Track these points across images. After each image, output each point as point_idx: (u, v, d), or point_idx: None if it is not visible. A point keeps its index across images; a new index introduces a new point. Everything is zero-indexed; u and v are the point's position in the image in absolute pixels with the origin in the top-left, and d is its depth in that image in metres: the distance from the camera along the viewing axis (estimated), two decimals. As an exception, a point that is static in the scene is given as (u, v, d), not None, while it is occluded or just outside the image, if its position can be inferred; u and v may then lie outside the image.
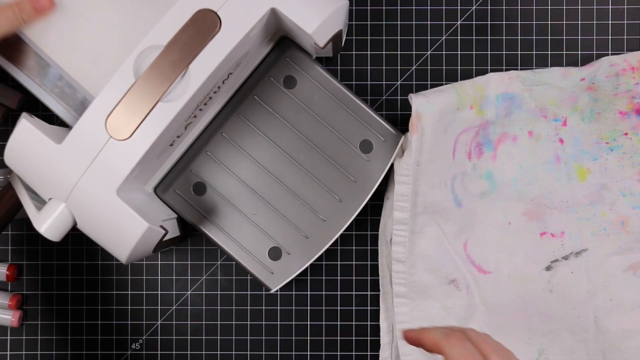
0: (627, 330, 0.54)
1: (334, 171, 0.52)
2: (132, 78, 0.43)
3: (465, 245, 0.54)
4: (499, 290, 0.54)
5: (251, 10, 0.44)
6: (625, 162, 0.55)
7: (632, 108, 0.54)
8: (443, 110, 0.51)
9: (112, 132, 0.43)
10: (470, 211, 0.54)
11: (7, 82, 0.57)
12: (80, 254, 0.57)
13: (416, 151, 0.51)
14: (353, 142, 0.52)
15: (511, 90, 0.54)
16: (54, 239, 0.44)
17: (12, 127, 0.57)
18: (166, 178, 0.52)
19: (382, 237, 0.55)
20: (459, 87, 0.52)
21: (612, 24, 0.57)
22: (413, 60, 0.57)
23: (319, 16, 0.44)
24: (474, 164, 0.54)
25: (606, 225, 0.55)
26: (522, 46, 0.57)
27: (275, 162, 0.52)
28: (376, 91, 0.57)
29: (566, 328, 0.54)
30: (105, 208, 0.43)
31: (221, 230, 0.51)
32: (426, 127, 0.51)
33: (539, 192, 0.55)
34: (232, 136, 0.52)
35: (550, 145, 0.55)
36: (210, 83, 0.45)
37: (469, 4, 0.57)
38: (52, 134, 0.44)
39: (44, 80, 0.47)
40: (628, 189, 0.55)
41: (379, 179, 0.52)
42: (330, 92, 0.52)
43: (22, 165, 0.45)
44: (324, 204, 0.52)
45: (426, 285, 0.53)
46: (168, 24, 0.43)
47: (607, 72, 0.54)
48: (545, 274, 0.55)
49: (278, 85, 0.52)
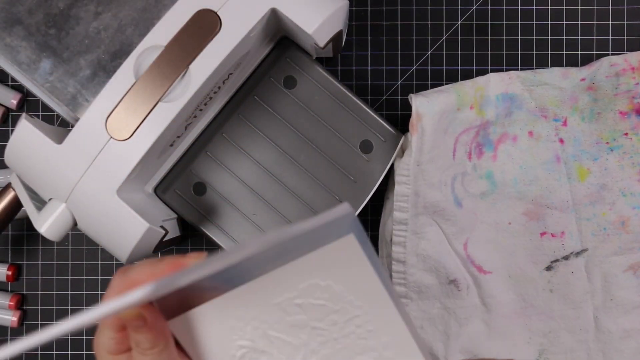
0: (627, 330, 0.54)
1: (334, 171, 0.52)
2: (132, 78, 0.43)
3: (465, 245, 0.54)
4: (499, 290, 0.54)
5: (251, 11, 0.44)
6: (626, 162, 0.55)
7: (632, 108, 0.54)
8: (443, 110, 0.51)
9: (113, 133, 0.43)
10: (470, 211, 0.54)
11: (7, 82, 0.57)
12: (80, 254, 0.57)
13: (416, 151, 0.51)
14: (353, 142, 0.52)
15: (511, 90, 0.54)
16: (54, 239, 0.44)
17: (12, 127, 0.57)
18: (166, 178, 0.52)
19: (382, 237, 0.55)
20: (459, 87, 0.53)
21: (612, 24, 0.57)
22: (413, 61, 0.57)
23: (319, 16, 0.44)
24: (474, 164, 0.54)
25: (606, 225, 0.55)
26: (522, 46, 0.57)
27: (276, 162, 0.52)
28: (376, 91, 0.57)
29: (566, 328, 0.54)
30: (106, 208, 0.43)
31: (221, 231, 0.51)
32: (426, 127, 0.51)
33: (539, 192, 0.55)
34: (232, 136, 0.52)
35: (550, 145, 0.55)
36: (210, 83, 0.45)
37: (469, 4, 0.57)
38: (52, 134, 0.44)
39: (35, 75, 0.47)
40: (628, 189, 0.55)
41: (379, 179, 0.52)
42: (331, 93, 0.52)
43: (22, 165, 0.45)
44: (324, 204, 0.52)
45: (426, 285, 0.53)
46: (168, 24, 0.43)
47: (608, 72, 0.54)
48: (545, 274, 0.55)
49: (278, 85, 0.52)
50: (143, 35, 0.44)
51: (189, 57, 0.43)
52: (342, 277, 0.32)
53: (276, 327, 0.34)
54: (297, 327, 0.34)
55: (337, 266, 0.32)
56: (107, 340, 0.32)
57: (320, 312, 0.33)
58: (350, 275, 0.32)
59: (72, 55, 0.47)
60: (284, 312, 0.33)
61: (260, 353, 0.34)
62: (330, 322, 0.34)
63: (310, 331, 0.34)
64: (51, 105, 0.48)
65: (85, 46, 0.47)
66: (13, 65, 0.47)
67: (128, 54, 0.44)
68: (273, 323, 0.33)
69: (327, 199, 0.52)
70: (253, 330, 0.34)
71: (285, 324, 0.33)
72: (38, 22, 0.47)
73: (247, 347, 0.34)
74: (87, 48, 0.47)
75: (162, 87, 0.43)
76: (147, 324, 0.31)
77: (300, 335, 0.34)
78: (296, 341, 0.34)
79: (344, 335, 0.34)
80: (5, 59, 0.47)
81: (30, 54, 0.47)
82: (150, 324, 0.31)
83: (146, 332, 0.31)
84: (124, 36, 0.47)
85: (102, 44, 0.47)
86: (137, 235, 0.44)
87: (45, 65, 0.47)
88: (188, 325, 0.34)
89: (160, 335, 0.32)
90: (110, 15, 0.47)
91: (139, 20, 0.47)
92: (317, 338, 0.34)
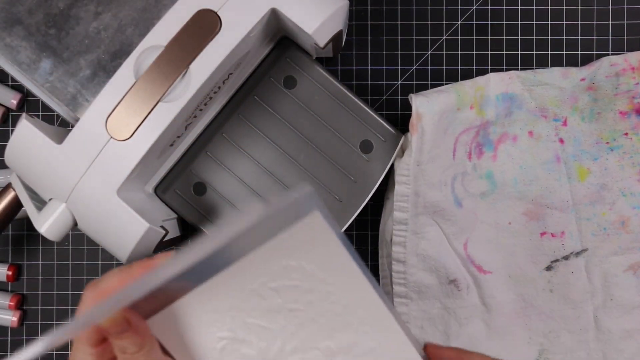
0: (627, 330, 0.54)
1: (334, 171, 0.52)
2: (132, 78, 0.43)
3: (465, 245, 0.54)
4: (499, 290, 0.54)
5: (251, 11, 0.44)
6: (625, 162, 0.55)
7: (632, 108, 0.54)
8: (443, 110, 0.51)
9: (113, 133, 0.43)
10: (470, 211, 0.54)
11: (7, 82, 0.57)
12: (80, 254, 0.57)
13: (416, 151, 0.51)
14: (353, 142, 0.52)
15: (511, 90, 0.54)
16: (54, 239, 0.44)
17: (12, 127, 0.57)
18: (166, 178, 0.52)
19: (382, 237, 0.55)
20: (459, 87, 0.53)
21: (612, 24, 0.57)
22: (413, 61, 0.57)
23: (319, 16, 0.44)
24: (474, 164, 0.54)
25: (606, 225, 0.55)
26: (522, 46, 0.57)
27: (276, 162, 0.52)
28: (376, 91, 0.57)
29: (566, 328, 0.54)
30: (106, 208, 0.43)
31: (221, 231, 0.51)
32: (426, 127, 0.51)
33: (539, 192, 0.55)
34: (232, 136, 0.52)
35: (550, 145, 0.55)
36: (210, 83, 0.45)
37: (469, 4, 0.57)
38: (52, 134, 0.44)
39: (35, 75, 0.47)
40: (628, 189, 0.55)
41: (379, 179, 0.52)
42: (331, 92, 0.52)
43: (22, 165, 0.45)
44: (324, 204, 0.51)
45: (426, 285, 0.53)
46: (168, 24, 0.43)
47: (607, 72, 0.54)
48: (545, 274, 0.55)
49: (278, 85, 0.52)
50: (143, 35, 0.44)
51: (189, 57, 0.43)
52: (312, 255, 0.33)
53: (254, 314, 0.34)
54: (274, 312, 0.34)
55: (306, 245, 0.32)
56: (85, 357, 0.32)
57: (295, 293, 0.34)
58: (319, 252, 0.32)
59: (72, 55, 0.47)
60: (260, 297, 0.33)
61: (240, 342, 0.34)
62: (306, 302, 0.34)
63: (287, 314, 0.34)
64: (51, 105, 0.48)
65: (85, 46, 0.47)
66: (13, 65, 0.47)
67: (128, 54, 0.44)
68: (250, 310, 0.34)
69: (327, 199, 0.52)
70: (232, 320, 0.34)
71: (262, 309, 0.34)
72: (38, 22, 0.47)
73: (227, 337, 0.34)
74: (87, 48, 0.47)
75: (162, 87, 0.43)
76: (131, 326, 0.31)
77: (278, 319, 0.34)
78: (274, 325, 0.34)
79: (320, 313, 0.34)
80: (5, 59, 0.47)
81: (30, 54, 0.47)
82: (134, 326, 0.31)
83: (131, 336, 0.31)
84: (124, 36, 0.47)
85: (102, 44, 0.47)
86: (137, 235, 0.44)
87: (45, 65, 0.47)
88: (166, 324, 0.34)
89: (145, 335, 0.32)
90: (110, 15, 0.47)
91: (139, 20, 0.47)
92: (294, 320, 0.34)
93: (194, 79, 0.43)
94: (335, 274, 0.33)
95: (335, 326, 0.35)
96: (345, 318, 0.34)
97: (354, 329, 0.35)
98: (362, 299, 0.34)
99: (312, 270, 0.33)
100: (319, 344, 0.35)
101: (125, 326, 0.31)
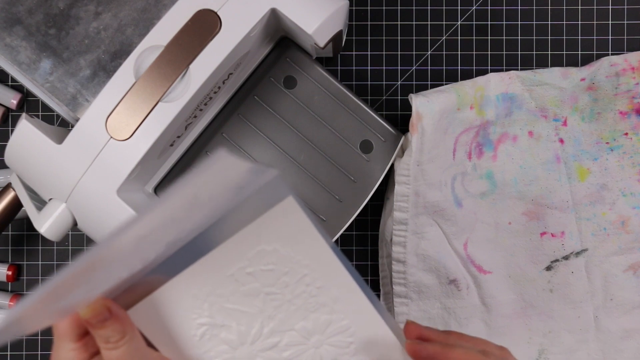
0: (627, 330, 0.54)
1: (334, 171, 0.52)
2: (132, 78, 0.43)
3: (465, 245, 0.54)
4: (499, 290, 0.54)
5: (251, 11, 0.44)
6: (625, 162, 0.55)
7: (632, 108, 0.54)
8: (443, 110, 0.51)
9: (113, 133, 0.43)
10: (470, 211, 0.54)
11: (7, 82, 0.57)
12: (80, 254, 0.57)
13: (416, 151, 0.51)
14: (353, 142, 0.52)
15: (511, 90, 0.54)
16: (54, 239, 0.44)
17: (12, 127, 0.57)
18: (166, 178, 0.52)
19: (382, 237, 0.55)
20: (459, 87, 0.53)
21: (612, 24, 0.57)
22: (413, 61, 0.57)
23: (319, 16, 0.44)
24: (474, 164, 0.54)
25: (606, 225, 0.55)
26: (522, 46, 0.57)
27: (276, 163, 0.52)
28: (376, 91, 0.57)
29: (566, 328, 0.54)
30: (106, 208, 0.43)
31: (221, 231, 0.51)
32: (426, 127, 0.51)
33: (539, 192, 0.55)
34: (233, 136, 0.52)
35: (550, 145, 0.55)
36: (210, 83, 0.45)
37: (469, 4, 0.57)
38: (52, 134, 0.44)
39: (35, 75, 0.47)
40: (628, 189, 0.55)
41: (379, 179, 0.52)
42: (331, 93, 0.52)
43: (22, 165, 0.45)
44: (324, 204, 0.52)
45: (426, 285, 0.53)
46: (168, 24, 0.43)
47: (608, 72, 0.54)
48: (545, 274, 0.55)
49: (278, 85, 0.52)
50: (143, 35, 0.44)
51: (189, 57, 0.43)
52: (286, 239, 0.34)
53: (232, 299, 0.35)
54: (251, 296, 0.35)
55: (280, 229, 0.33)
56: (67, 353, 0.32)
57: (271, 277, 0.35)
58: (293, 236, 0.34)
59: (72, 55, 0.47)
60: (237, 282, 0.35)
61: (219, 328, 0.35)
62: (282, 285, 0.35)
63: (264, 297, 0.35)
64: (51, 105, 0.48)
65: (85, 46, 0.47)
66: (13, 65, 0.47)
67: (128, 54, 0.44)
68: (229, 295, 0.35)
69: (327, 198, 0.52)
70: (210, 307, 0.35)
71: (240, 294, 0.35)
72: (38, 22, 0.47)
73: (206, 324, 0.35)
74: (87, 48, 0.47)
75: (162, 87, 0.43)
76: (112, 314, 0.31)
77: (255, 303, 0.35)
78: (252, 309, 0.35)
79: (296, 295, 0.35)
80: (5, 59, 0.47)
81: (30, 54, 0.47)
82: (115, 314, 0.31)
83: (113, 324, 0.31)
84: (124, 36, 0.47)
85: (102, 44, 0.47)
86: (137, 235, 0.44)
87: (45, 65, 0.47)
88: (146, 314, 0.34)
89: (127, 323, 0.32)
90: (110, 15, 0.47)
91: (139, 20, 0.47)
92: (271, 303, 0.35)
93: (194, 79, 0.43)
94: (308, 255, 0.34)
95: (310, 307, 0.36)
96: (320, 299, 0.36)
97: (328, 308, 0.36)
98: (335, 280, 0.35)
99: (287, 253, 0.34)
100: (295, 325, 0.36)
101: (107, 314, 0.31)
